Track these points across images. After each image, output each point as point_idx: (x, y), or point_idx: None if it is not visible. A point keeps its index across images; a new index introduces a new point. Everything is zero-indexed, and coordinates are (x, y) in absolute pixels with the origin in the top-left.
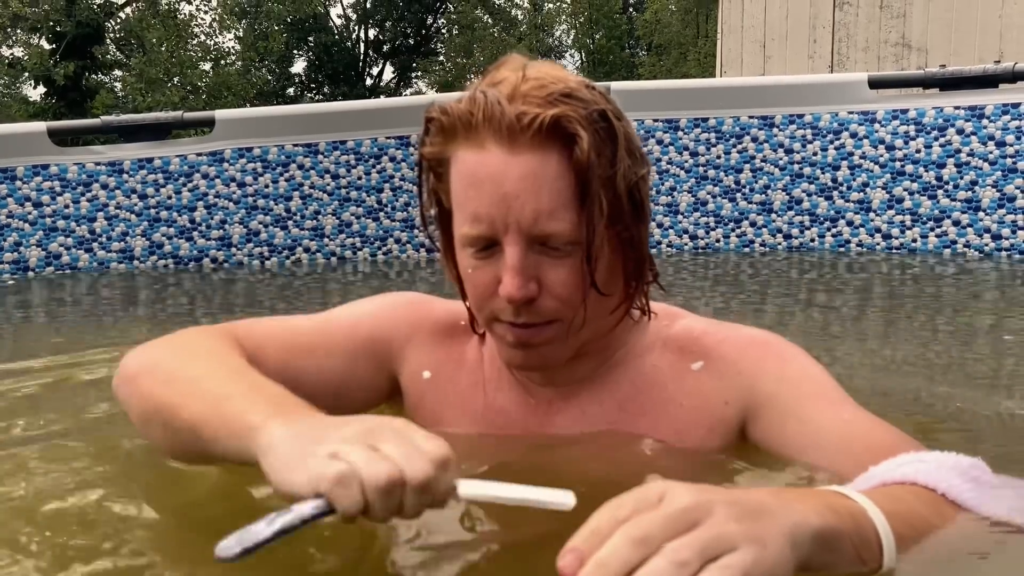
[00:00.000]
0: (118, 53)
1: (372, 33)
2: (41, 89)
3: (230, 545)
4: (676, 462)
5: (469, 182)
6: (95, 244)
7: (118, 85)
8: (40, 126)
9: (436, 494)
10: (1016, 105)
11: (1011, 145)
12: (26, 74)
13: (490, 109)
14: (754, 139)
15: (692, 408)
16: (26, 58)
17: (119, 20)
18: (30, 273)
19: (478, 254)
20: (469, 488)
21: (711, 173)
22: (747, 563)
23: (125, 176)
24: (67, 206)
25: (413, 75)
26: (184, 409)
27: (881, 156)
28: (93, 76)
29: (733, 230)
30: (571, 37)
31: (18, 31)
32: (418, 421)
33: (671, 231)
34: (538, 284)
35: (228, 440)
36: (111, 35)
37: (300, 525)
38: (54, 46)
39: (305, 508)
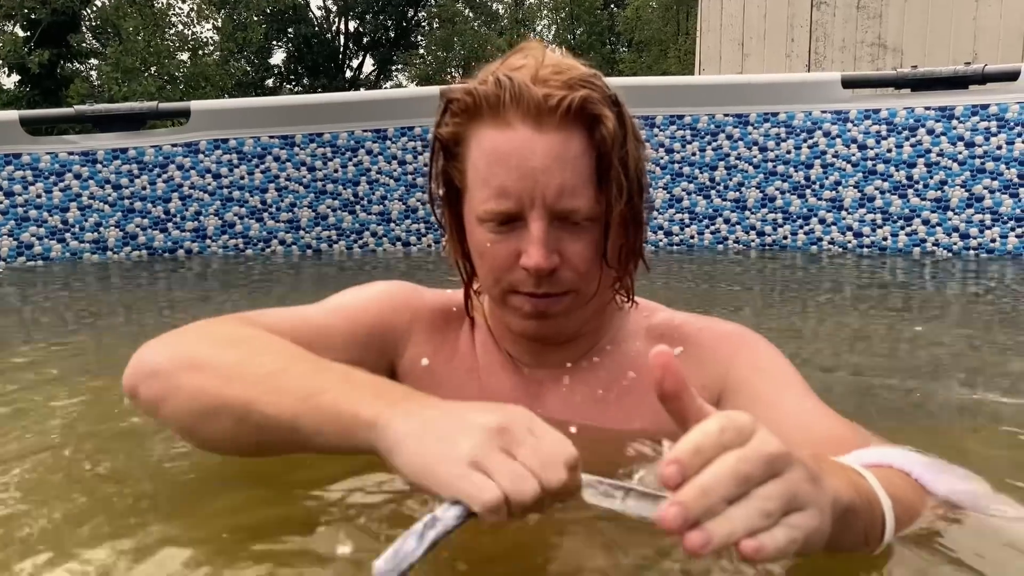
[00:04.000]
0: (94, 42)
1: (352, 25)
2: (15, 77)
3: (388, 570)
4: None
5: (494, 158)
6: (68, 234)
7: (94, 74)
8: (12, 115)
9: (567, 496)
10: (985, 107)
11: (980, 146)
12: (0, 62)
13: (517, 90)
14: (729, 137)
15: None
16: (0, 46)
17: (95, 8)
18: (1, 263)
19: (498, 228)
20: (592, 495)
21: (686, 170)
22: (811, 527)
23: (99, 166)
24: (39, 196)
25: (393, 68)
26: (269, 405)
27: (853, 155)
28: (68, 64)
29: (707, 227)
30: (552, 32)
31: None
32: None
33: (646, 227)
34: (558, 256)
35: (333, 434)
36: (87, 23)
37: (446, 536)
38: (28, 34)
39: (449, 518)
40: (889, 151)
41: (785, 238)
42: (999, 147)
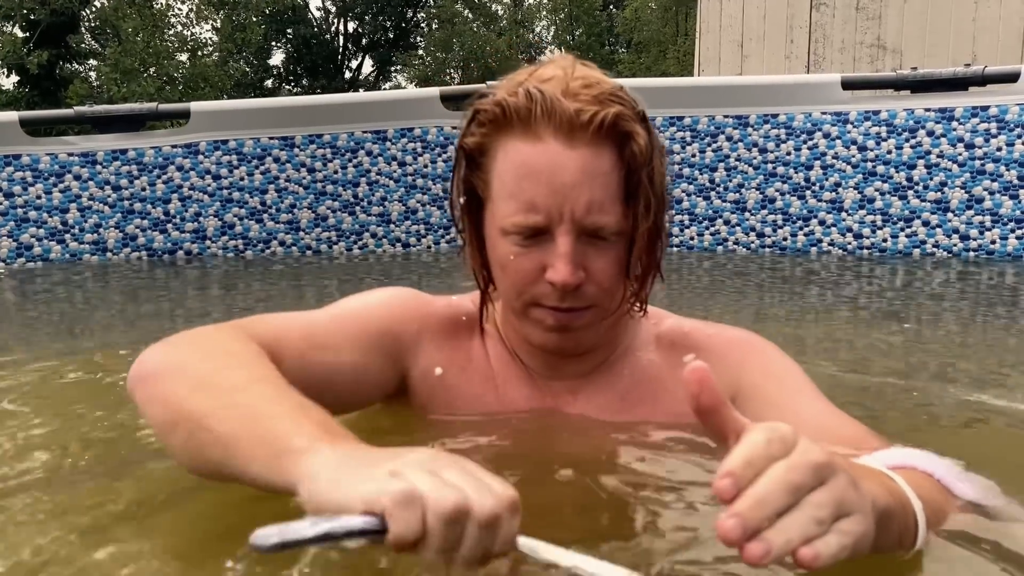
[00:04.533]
0: (93, 42)
1: (352, 26)
2: (14, 78)
3: (269, 535)
4: (677, 443)
5: (524, 172)
6: (67, 235)
7: (93, 75)
8: (12, 116)
9: (498, 537)
10: (985, 108)
11: (980, 147)
12: None
13: (549, 104)
14: (729, 138)
15: (683, 398)
16: None
17: (94, 9)
18: (1, 264)
19: (524, 241)
20: (529, 544)
21: (686, 171)
22: (859, 532)
23: (98, 167)
24: (39, 197)
25: (392, 69)
26: (217, 422)
27: (853, 156)
28: (67, 65)
29: (707, 228)
30: (551, 33)
31: None
32: (429, 417)
33: None
34: (583, 271)
35: (264, 461)
36: (86, 24)
37: (344, 536)
38: (28, 34)
39: (354, 520)
40: (889, 153)
41: (785, 239)
42: (999, 149)
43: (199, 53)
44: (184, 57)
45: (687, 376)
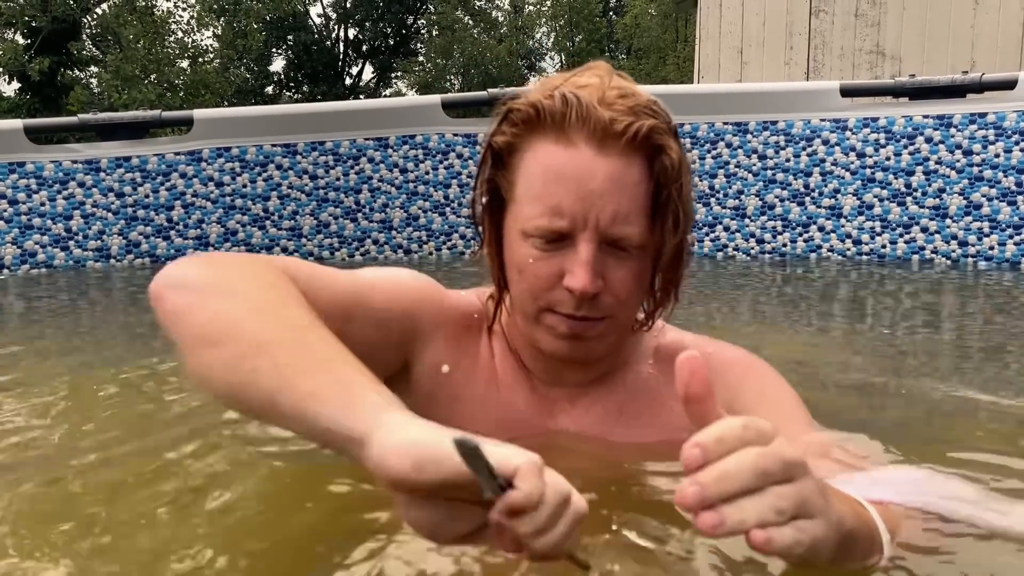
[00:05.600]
0: (94, 49)
1: (352, 33)
2: (15, 85)
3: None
4: (666, 464)
5: (553, 176)
6: (71, 242)
7: (94, 82)
8: (17, 123)
9: (576, 536)
10: (983, 115)
11: (977, 154)
12: (0, 69)
13: (584, 109)
14: (728, 145)
15: (681, 412)
16: (0, 53)
17: (95, 16)
18: (5, 271)
19: (544, 245)
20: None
21: None
22: (818, 534)
23: (102, 174)
24: (43, 204)
25: (393, 75)
26: (283, 351)
27: (852, 163)
28: (68, 72)
29: (707, 235)
30: (551, 39)
31: None
32: (431, 413)
33: None
34: (602, 280)
35: (336, 404)
36: (87, 31)
37: (487, 474)
38: (29, 41)
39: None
40: (888, 159)
41: (784, 246)
42: (997, 155)
43: (200, 60)
44: (185, 64)
45: (680, 363)
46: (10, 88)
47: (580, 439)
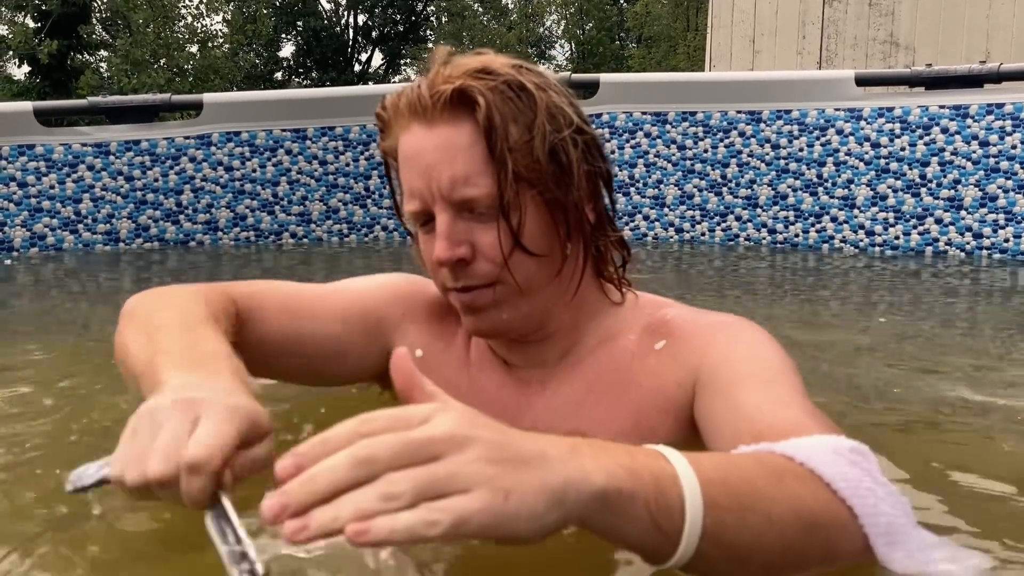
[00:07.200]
0: (104, 33)
1: (361, 19)
2: (25, 68)
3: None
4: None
5: (403, 163)
6: (80, 225)
7: (103, 66)
8: (27, 106)
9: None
10: (1000, 105)
11: (994, 145)
12: (10, 52)
13: (411, 93)
14: (741, 134)
15: (649, 389)
16: (10, 36)
17: (105, 0)
18: (14, 253)
19: (423, 229)
20: (211, 520)
21: (698, 167)
22: (468, 510)
23: (112, 158)
24: (52, 187)
25: (402, 62)
26: (131, 355)
27: (866, 153)
28: (78, 56)
29: (719, 224)
30: (561, 27)
31: (2, 9)
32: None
33: (657, 224)
34: (472, 248)
35: (148, 393)
36: (97, 15)
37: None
38: (39, 24)
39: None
40: (902, 149)
41: (797, 236)
42: (1014, 146)
43: (209, 45)
44: (194, 49)
45: (391, 362)
46: (20, 71)
47: (547, 423)
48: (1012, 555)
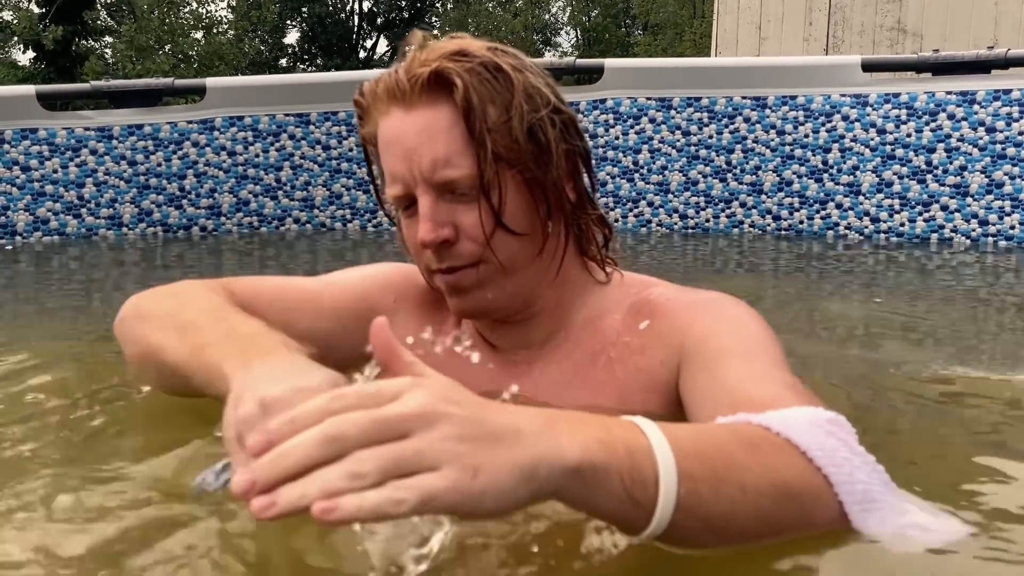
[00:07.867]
0: (108, 19)
1: (366, 5)
2: (30, 54)
3: (208, 482)
4: None
5: (384, 148)
6: (83, 210)
7: (108, 52)
8: (29, 89)
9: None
10: (1007, 91)
11: (1001, 131)
12: (15, 38)
13: (389, 78)
14: (746, 120)
15: (635, 369)
16: (15, 22)
17: None
18: (17, 238)
19: (406, 213)
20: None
21: (703, 153)
22: (436, 487)
23: (115, 142)
24: (55, 171)
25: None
26: (171, 352)
27: (872, 139)
28: (83, 42)
29: (723, 210)
30: (567, 14)
31: None
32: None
33: (661, 210)
34: (455, 229)
35: (210, 385)
36: (101, 1)
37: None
38: (44, 10)
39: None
40: (908, 136)
41: (801, 223)
42: (1021, 132)
43: (214, 31)
44: (199, 35)
45: (370, 330)
46: (25, 57)
47: (533, 405)
48: (991, 521)
